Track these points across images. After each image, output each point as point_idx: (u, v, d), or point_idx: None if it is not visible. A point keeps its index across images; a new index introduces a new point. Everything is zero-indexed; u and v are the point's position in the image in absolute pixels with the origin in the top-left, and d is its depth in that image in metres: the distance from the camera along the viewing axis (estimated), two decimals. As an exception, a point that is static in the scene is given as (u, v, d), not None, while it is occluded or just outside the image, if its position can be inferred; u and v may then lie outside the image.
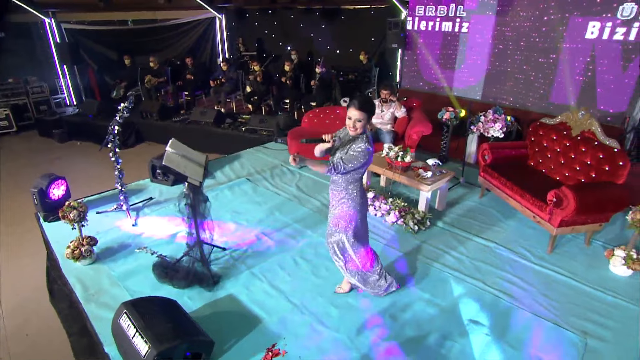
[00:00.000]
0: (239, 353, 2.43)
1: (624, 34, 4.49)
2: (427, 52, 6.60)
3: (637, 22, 4.40)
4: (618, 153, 3.27)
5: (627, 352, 2.45)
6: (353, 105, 2.32)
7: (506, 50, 5.55)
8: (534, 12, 5.19)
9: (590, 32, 4.72)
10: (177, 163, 2.74)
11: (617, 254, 3.09)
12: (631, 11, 4.38)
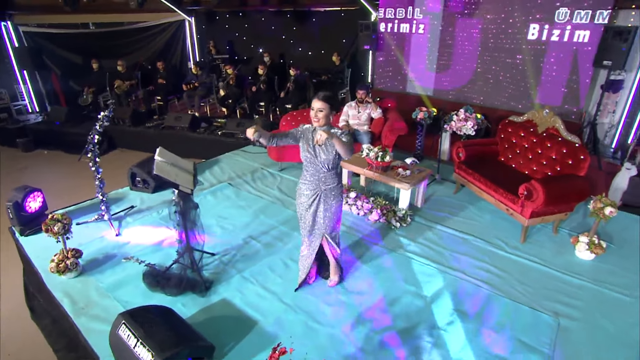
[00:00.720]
0: (238, 355, 2.49)
1: (579, 36, 4.87)
2: (399, 53, 6.82)
3: (587, 26, 4.78)
4: (579, 148, 3.56)
5: (595, 329, 2.70)
6: (316, 97, 2.56)
7: (475, 52, 5.83)
8: (500, 15, 5.49)
9: (550, 34, 5.06)
10: (167, 171, 2.76)
11: (581, 240, 3.37)
12: (586, 15, 4.75)
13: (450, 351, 2.49)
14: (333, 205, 2.78)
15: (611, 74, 5.20)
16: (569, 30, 4.96)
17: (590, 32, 4.81)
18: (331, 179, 2.72)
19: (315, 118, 2.57)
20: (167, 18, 9.58)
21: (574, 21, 4.85)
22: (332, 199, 2.76)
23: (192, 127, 7.05)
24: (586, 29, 4.83)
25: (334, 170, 2.72)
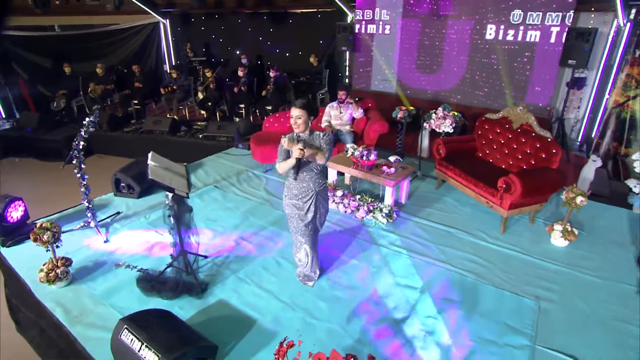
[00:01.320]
0: (240, 354, 2.55)
1: (547, 37, 5.18)
2: (378, 53, 6.98)
3: (557, 27, 5.08)
4: (551, 142, 3.80)
5: (572, 309, 2.91)
6: (294, 105, 2.73)
7: (452, 52, 6.06)
8: (474, 17, 5.74)
9: (519, 35, 5.35)
10: (162, 176, 2.78)
11: (556, 229, 3.61)
12: (553, 18, 5.06)
13: (442, 337, 2.64)
14: (325, 204, 2.95)
15: (575, 72, 5.55)
16: (538, 31, 5.26)
17: (557, 33, 5.11)
18: (322, 179, 2.87)
19: (295, 124, 2.73)
20: (140, 20, 9.41)
21: (546, 22, 5.14)
22: (323, 198, 2.92)
23: (172, 131, 6.98)
24: (554, 30, 5.13)
25: (325, 171, 2.85)
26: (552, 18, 5.10)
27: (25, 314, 3.71)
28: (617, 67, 5.45)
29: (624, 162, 5.49)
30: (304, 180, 2.83)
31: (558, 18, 5.08)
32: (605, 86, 5.61)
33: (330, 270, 3.34)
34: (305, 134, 2.75)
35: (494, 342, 2.60)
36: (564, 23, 5.05)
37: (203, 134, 6.90)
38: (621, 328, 2.75)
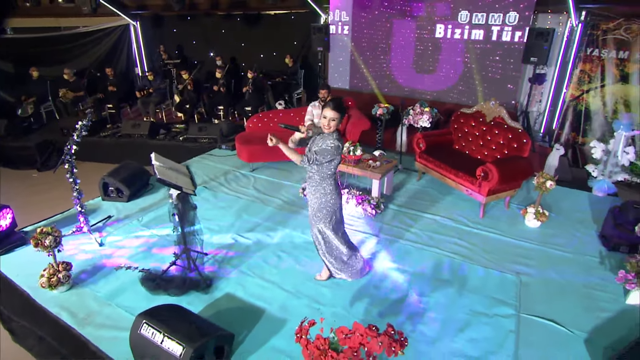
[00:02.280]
0: (255, 341, 2.69)
1: (511, 36, 5.61)
2: (356, 53, 7.23)
3: (520, 28, 5.52)
4: (522, 133, 4.17)
5: (547, 281, 3.25)
6: (328, 106, 2.69)
7: (427, 51, 6.40)
8: (447, 17, 6.10)
9: (488, 35, 5.75)
10: (168, 175, 2.87)
11: (529, 211, 3.97)
12: (515, 18, 5.48)
13: (439, 312, 2.89)
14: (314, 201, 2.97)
15: (537, 68, 6.02)
16: (498, 30, 5.69)
17: (520, 33, 5.54)
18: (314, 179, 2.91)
19: (327, 126, 2.70)
20: (109, 23, 9.19)
21: (507, 22, 5.56)
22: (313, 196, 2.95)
23: (151, 134, 6.93)
24: (517, 30, 5.56)
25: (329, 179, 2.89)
26: (514, 19, 5.53)
27: (19, 323, 3.66)
28: (572, 64, 5.96)
29: (582, 150, 6.01)
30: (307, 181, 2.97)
31: (518, 19, 5.52)
32: (562, 81, 6.11)
33: (329, 259, 3.53)
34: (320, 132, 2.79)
35: (485, 314, 2.89)
36: (525, 24, 5.49)
37: (184, 136, 6.90)
38: (590, 294, 3.11)
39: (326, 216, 2.96)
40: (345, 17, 6.99)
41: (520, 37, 5.59)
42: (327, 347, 1.98)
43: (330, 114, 2.68)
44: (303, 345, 2.05)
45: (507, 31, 5.66)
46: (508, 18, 5.55)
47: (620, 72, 5.57)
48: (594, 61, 5.74)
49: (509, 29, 5.63)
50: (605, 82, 5.71)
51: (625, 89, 5.60)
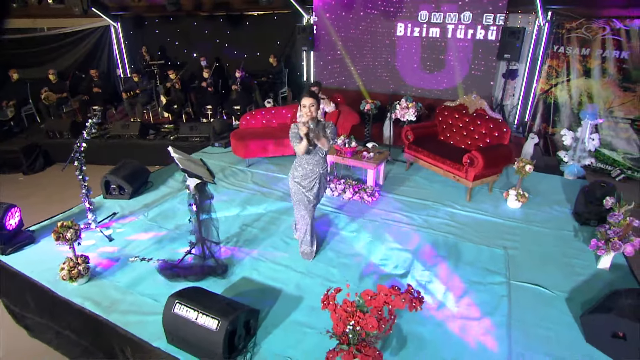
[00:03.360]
0: (277, 316, 2.92)
1: (484, 35, 6.06)
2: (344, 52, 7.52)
3: (493, 27, 5.96)
4: (502, 123, 4.58)
5: (530, 253, 3.63)
6: (305, 95, 3.06)
7: (410, 50, 6.77)
8: (428, 17, 6.50)
9: (466, 33, 6.18)
10: (188, 166, 3.05)
11: (511, 194, 4.37)
12: (490, 19, 5.92)
13: (440, 283, 3.22)
14: (326, 184, 3.42)
15: (509, 65, 6.50)
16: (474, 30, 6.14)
17: (495, 32, 6.00)
18: (325, 162, 3.29)
19: (308, 112, 3.05)
20: (89, 24, 9.10)
21: (484, 22, 6.01)
22: (325, 179, 3.37)
23: (141, 135, 6.98)
24: (492, 29, 6.01)
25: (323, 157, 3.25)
26: (490, 19, 5.98)
27: (33, 319, 3.73)
28: (541, 60, 6.48)
29: (552, 140, 6.55)
30: (310, 164, 3.24)
31: (492, 19, 5.97)
32: (533, 76, 6.63)
33: (334, 243, 3.80)
34: (312, 123, 3.09)
35: (479, 282, 3.23)
36: (499, 24, 5.95)
37: (174, 136, 6.98)
38: (568, 262, 3.51)
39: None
40: (331, 17, 7.26)
41: (494, 35, 6.03)
42: (354, 310, 2.25)
43: (308, 101, 3.03)
44: (331, 310, 2.31)
45: (482, 30, 6.10)
46: (485, 18, 5.99)
47: (583, 68, 6.13)
48: (560, 57, 6.27)
49: (484, 28, 6.07)
50: (571, 76, 6.26)
51: (588, 82, 6.16)
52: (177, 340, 2.65)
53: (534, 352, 2.60)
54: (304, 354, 2.61)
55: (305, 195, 3.31)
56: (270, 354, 2.62)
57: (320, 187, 3.36)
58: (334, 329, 2.31)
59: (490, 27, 6.05)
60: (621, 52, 5.78)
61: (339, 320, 2.27)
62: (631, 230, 3.19)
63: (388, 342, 2.67)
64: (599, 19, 5.85)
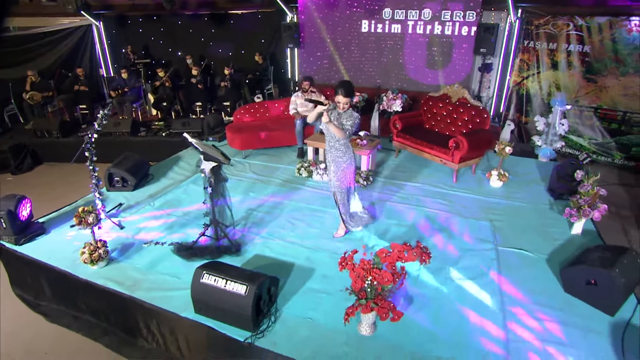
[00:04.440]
0: (292, 285, 3.19)
1: (461, 32, 6.51)
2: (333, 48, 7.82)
3: (470, 24, 6.43)
4: (483, 109, 5.01)
5: (513, 224, 4.04)
6: (340, 93, 3.29)
7: (396, 46, 7.17)
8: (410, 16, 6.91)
9: (443, 30, 6.63)
10: (205, 149, 3.27)
11: (493, 174, 4.80)
12: (466, 16, 6.38)
13: (436, 251, 3.57)
14: (342, 167, 3.54)
15: (485, 59, 6.99)
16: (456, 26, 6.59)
17: (472, 28, 6.46)
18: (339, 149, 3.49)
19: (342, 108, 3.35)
20: (70, 23, 9.03)
21: (467, 19, 6.47)
22: (342, 162, 3.53)
23: (133, 132, 7.06)
24: (468, 26, 6.47)
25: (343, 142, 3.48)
26: (467, 15, 6.44)
27: (49, 306, 3.85)
28: (513, 54, 6.99)
29: (525, 128, 7.08)
30: (328, 152, 3.54)
31: (469, 16, 6.44)
32: (506, 69, 7.14)
33: (337, 221, 4.10)
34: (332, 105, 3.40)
35: (471, 249, 3.61)
36: (474, 20, 6.42)
37: (167, 132, 7.10)
38: (546, 230, 3.94)
39: (352, 178, 3.64)
40: (317, 15, 7.56)
41: (471, 32, 6.50)
42: (370, 267, 2.55)
43: (343, 100, 3.31)
44: (350, 269, 2.61)
45: (459, 27, 6.56)
46: (461, 15, 6.44)
47: (551, 61, 6.67)
48: (530, 52, 6.80)
49: (462, 25, 6.53)
50: (540, 69, 6.79)
51: (556, 74, 6.71)
52: (206, 309, 2.87)
53: (522, 303, 2.99)
54: (324, 314, 2.89)
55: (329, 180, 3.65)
56: (292, 317, 2.89)
57: (331, 173, 3.61)
58: (353, 286, 2.61)
59: (466, 24, 6.51)
60: (583, 46, 6.35)
61: (357, 278, 2.57)
62: (598, 199, 3.64)
63: (395, 301, 2.98)
64: (563, 16, 6.40)
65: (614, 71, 6.19)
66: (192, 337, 2.97)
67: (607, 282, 2.77)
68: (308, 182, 5.03)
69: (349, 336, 2.71)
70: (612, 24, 6.05)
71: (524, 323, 2.80)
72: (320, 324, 2.82)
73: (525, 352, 2.57)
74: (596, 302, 2.88)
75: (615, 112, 6.35)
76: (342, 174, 3.55)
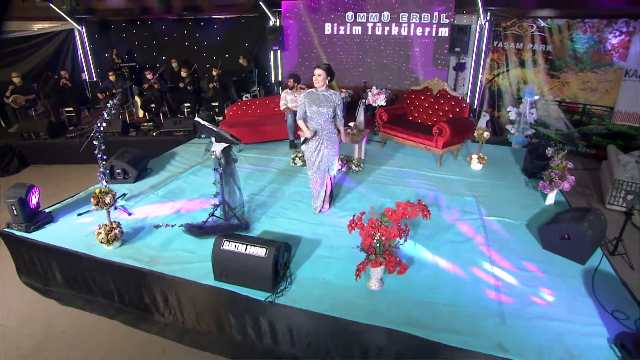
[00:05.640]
0: (303, 253, 3.46)
1: (437, 33, 7.05)
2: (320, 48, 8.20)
3: (445, 26, 6.97)
4: (461, 99, 5.49)
5: (495, 198, 4.48)
6: (320, 67, 3.75)
7: (379, 47, 7.63)
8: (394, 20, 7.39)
9: (423, 31, 7.13)
10: (218, 131, 3.52)
11: (473, 158, 5.26)
12: (441, 18, 6.92)
13: (429, 222, 3.92)
14: (333, 147, 3.93)
15: (459, 58, 7.55)
16: (434, 28, 7.13)
17: (446, 29, 7.00)
18: (329, 125, 3.88)
19: (315, 81, 3.75)
20: (51, 28, 9.03)
21: (441, 22, 7.02)
22: (333, 142, 3.92)
23: (124, 132, 7.15)
24: (443, 27, 7.01)
25: (330, 119, 3.87)
26: (441, 18, 6.98)
27: (59, 291, 3.94)
28: (484, 54, 7.59)
29: (498, 122, 7.66)
30: (322, 132, 3.85)
31: (444, 17, 6.99)
32: (478, 68, 7.72)
33: (337, 202, 4.41)
34: (322, 89, 3.76)
35: (460, 219, 4.01)
36: (448, 22, 6.98)
37: (158, 131, 7.23)
38: (523, 202, 4.40)
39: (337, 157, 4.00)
40: (302, 19, 7.94)
41: (445, 33, 7.05)
42: (378, 225, 2.87)
43: (319, 71, 3.73)
44: (360, 229, 2.92)
45: (435, 27, 7.09)
46: (435, 17, 6.98)
47: (519, 59, 7.30)
48: (499, 51, 7.41)
49: (438, 26, 7.07)
50: (509, 67, 7.40)
51: (523, 72, 7.33)
52: (226, 275, 3.09)
53: (507, 258, 3.39)
54: (334, 275, 3.18)
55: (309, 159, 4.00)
56: (306, 278, 3.16)
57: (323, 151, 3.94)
58: (362, 243, 2.92)
59: (441, 26, 7.05)
60: (546, 45, 7.01)
61: (367, 236, 2.88)
62: (567, 171, 4.13)
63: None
64: (527, 18, 7.05)
65: (574, 68, 6.87)
66: (212, 303, 3.17)
67: (578, 235, 3.21)
68: (304, 170, 5.32)
69: (360, 291, 3.00)
70: (570, 26, 6.73)
71: (511, 271, 3.20)
72: (333, 284, 3.10)
73: (515, 294, 2.95)
74: (570, 254, 3.31)
75: (577, 104, 7.02)
76: (337, 148, 3.96)
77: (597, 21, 6.50)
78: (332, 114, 3.85)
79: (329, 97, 3.79)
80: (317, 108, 3.77)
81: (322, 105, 3.77)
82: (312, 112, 3.80)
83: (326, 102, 3.78)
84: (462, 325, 2.65)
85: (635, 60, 6.33)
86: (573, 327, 2.62)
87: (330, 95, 3.79)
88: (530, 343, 2.49)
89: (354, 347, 2.79)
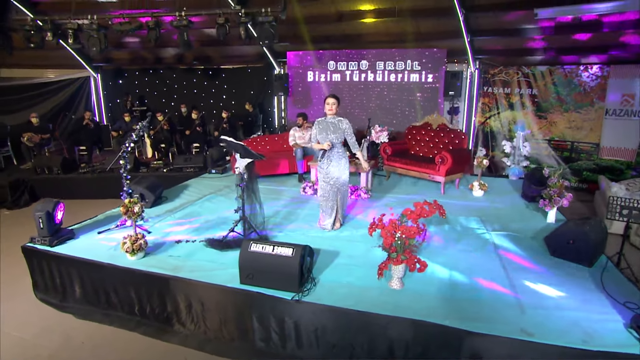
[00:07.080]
0: (324, 261, 3.59)
1: (433, 80, 7.71)
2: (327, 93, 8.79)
3: (438, 72, 7.65)
4: (460, 132, 5.92)
5: (499, 217, 4.71)
6: (329, 97, 4.16)
7: (383, 92, 8.26)
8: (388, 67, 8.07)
9: (420, 78, 7.80)
10: (242, 148, 3.79)
11: (475, 185, 5.57)
12: (434, 68, 7.59)
13: (440, 237, 4.12)
14: (344, 168, 4.23)
15: (453, 103, 8.17)
16: (425, 75, 7.80)
17: (437, 76, 7.67)
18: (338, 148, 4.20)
19: (329, 110, 4.14)
20: (69, 75, 9.61)
21: (431, 72, 7.67)
22: (343, 166, 4.21)
23: (136, 169, 7.39)
24: (439, 73, 7.69)
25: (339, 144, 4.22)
26: (434, 68, 7.69)
27: (74, 307, 3.93)
28: (476, 98, 8.24)
29: (492, 161, 8.10)
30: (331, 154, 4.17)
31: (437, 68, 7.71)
32: (471, 111, 8.33)
33: (347, 222, 4.60)
34: (331, 117, 4.13)
35: (469, 234, 4.22)
36: (441, 70, 7.67)
37: (169, 168, 7.48)
38: (526, 221, 4.63)
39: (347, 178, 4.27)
40: (307, 67, 8.62)
41: (440, 80, 7.71)
42: (397, 225, 3.07)
43: (332, 100, 4.13)
44: (381, 229, 3.11)
45: (432, 75, 7.77)
46: (430, 67, 7.68)
47: (508, 102, 7.93)
48: (490, 96, 8.06)
49: (434, 74, 7.75)
50: (500, 110, 8.01)
51: (513, 114, 7.93)
52: (252, 276, 3.19)
53: (518, 263, 3.56)
54: (357, 278, 3.31)
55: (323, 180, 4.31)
56: (329, 281, 3.27)
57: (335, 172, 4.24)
58: (384, 243, 3.09)
59: (436, 73, 7.75)
60: (532, 89, 7.67)
61: (388, 235, 3.07)
62: (564, 189, 4.43)
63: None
64: (512, 66, 7.78)
65: (559, 109, 7.48)
66: (237, 306, 3.23)
67: (582, 238, 3.43)
68: (315, 198, 5.55)
69: (383, 290, 3.12)
70: (551, 72, 7.45)
71: (522, 272, 3.38)
72: (356, 285, 3.22)
73: (529, 291, 3.09)
74: (576, 258, 3.50)
75: (565, 142, 7.54)
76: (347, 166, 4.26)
77: (575, 67, 7.22)
78: (340, 139, 4.19)
79: (336, 124, 4.15)
80: (326, 135, 4.12)
81: (331, 132, 4.11)
82: (322, 139, 4.14)
83: (334, 129, 4.14)
84: (485, 315, 2.77)
85: (613, 100, 6.95)
86: (589, 315, 2.75)
87: (337, 122, 4.15)
88: (550, 328, 2.60)
89: (379, 343, 2.85)
